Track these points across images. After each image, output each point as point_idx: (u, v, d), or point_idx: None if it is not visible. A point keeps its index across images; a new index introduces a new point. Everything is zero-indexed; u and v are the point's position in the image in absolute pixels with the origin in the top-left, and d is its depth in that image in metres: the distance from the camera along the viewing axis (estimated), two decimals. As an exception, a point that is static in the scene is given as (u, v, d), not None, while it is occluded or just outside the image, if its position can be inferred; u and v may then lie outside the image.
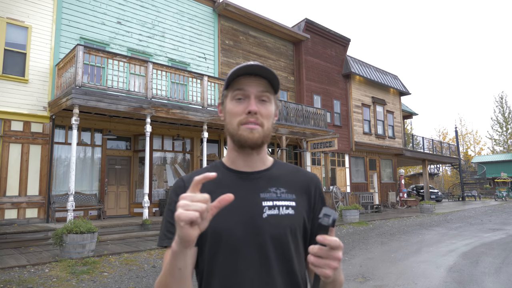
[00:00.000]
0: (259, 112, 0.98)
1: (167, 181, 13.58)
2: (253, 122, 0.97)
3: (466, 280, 5.61)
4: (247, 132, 0.97)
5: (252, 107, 0.97)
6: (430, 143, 28.02)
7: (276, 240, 0.95)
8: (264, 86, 1.00)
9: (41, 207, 10.25)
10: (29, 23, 10.57)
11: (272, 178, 1.04)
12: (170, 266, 0.82)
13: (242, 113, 0.98)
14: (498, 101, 51.27)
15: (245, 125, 0.98)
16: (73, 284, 5.39)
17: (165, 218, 1.00)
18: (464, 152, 49.31)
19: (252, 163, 1.04)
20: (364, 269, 6.37)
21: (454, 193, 35.44)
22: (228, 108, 1.01)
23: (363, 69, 22.02)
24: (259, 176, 1.03)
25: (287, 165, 1.11)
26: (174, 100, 11.16)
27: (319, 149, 16.52)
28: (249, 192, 1.00)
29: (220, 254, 0.94)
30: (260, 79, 0.99)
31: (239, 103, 0.99)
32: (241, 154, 1.03)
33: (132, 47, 12.66)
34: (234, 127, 0.99)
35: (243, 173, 1.03)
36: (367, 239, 9.98)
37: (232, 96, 1.00)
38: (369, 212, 18.28)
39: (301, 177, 1.07)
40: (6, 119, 9.95)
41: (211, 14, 15.17)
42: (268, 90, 1.01)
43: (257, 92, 0.99)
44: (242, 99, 0.99)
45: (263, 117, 0.99)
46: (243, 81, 0.99)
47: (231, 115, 1.00)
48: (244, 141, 0.98)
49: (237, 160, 1.04)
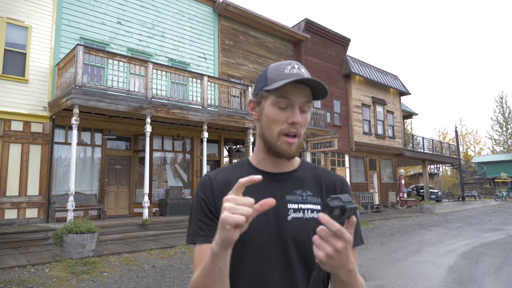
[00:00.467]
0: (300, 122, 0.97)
1: (167, 181, 13.58)
2: (294, 133, 0.97)
3: (466, 280, 5.61)
4: (286, 146, 0.97)
5: (297, 118, 0.95)
6: (430, 143, 28.03)
7: (299, 243, 0.95)
8: (308, 95, 0.97)
9: (41, 207, 10.25)
10: (29, 23, 10.56)
11: (299, 180, 1.03)
12: (210, 266, 0.81)
13: (284, 122, 0.96)
14: (498, 101, 51.32)
15: (286, 138, 0.96)
16: (73, 284, 5.39)
17: (194, 215, 0.99)
18: (464, 152, 49.32)
19: (280, 165, 1.03)
20: (364, 269, 6.37)
21: (454, 193, 35.44)
22: (269, 113, 0.98)
23: (363, 69, 22.02)
24: (286, 177, 1.03)
25: (314, 167, 1.10)
26: (174, 100, 11.16)
27: (319, 149, 16.53)
28: (275, 193, 0.99)
29: (245, 255, 0.94)
30: (305, 88, 0.96)
31: (282, 111, 0.96)
32: (271, 156, 1.02)
33: (132, 47, 12.66)
34: (274, 136, 0.97)
35: (270, 174, 1.02)
36: (367, 239, 9.98)
37: (274, 101, 0.96)
38: (369, 212, 18.28)
39: (328, 180, 1.06)
40: (6, 119, 9.95)
41: (211, 14, 15.17)
42: (310, 100, 0.98)
43: (301, 103, 0.96)
44: (285, 107, 0.96)
45: (302, 127, 0.98)
46: (290, 89, 0.95)
47: (272, 121, 0.97)
48: (282, 154, 0.98)
49: (265, 161, 1.03)
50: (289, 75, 0.94)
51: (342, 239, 0.73)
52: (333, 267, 0.76)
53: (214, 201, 0.99)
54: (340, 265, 0.75)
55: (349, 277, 0.80)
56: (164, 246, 8.35)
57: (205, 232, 0.96)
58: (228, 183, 1.00)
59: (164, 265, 6.68)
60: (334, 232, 0.72)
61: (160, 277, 5.91)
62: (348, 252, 0.75)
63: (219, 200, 0.97)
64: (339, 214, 0.73)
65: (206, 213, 0.98)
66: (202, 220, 0.97)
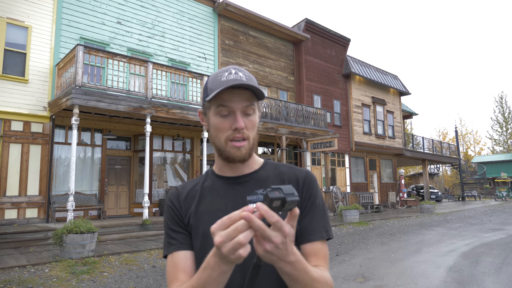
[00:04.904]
0: (245, 126, 0.97)
1: (167, 181, 13.58)
2: (240, 138, 0.97)
3: (466, 280, 5.61)
4: (235, 150, 0.98)
5: (239, 124, 0.95)
6: (430, 143, 28.02)
7: None
8: (248, 99, 0.97)
9: (41, 207, 10.25)
10: (29, 23, 10.56)
11: (260, 180, 1.04)
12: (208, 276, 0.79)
13: (228, 129, 0.97)
14: (498, 101, 51.30)
15: (233, 142, 0.97)
16: (73, 284, 5.38)
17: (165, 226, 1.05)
18: (464, 152, 49.31)
19: (238, 169, 1.04)
20: (364, 269, 6.37)
21: (454, 193, 35.43)
22: (213, 122, 1.00)
23: (363, 69, 22.02)
24: (247, 179, 1.04)
25: (278, 165, 1.10)
26: (174, 100, 11.16)
27: (319, 149, 16.52)
28: (236, 196, 1.01)
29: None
30: (243, 91, 0.96)
31: (225, 119, 0.97)
32: (226, 163, 1.04)
33: (132, 47, 12.66)
34: (221, 143, 0.99)
35: (230, 178, 1.04)
36: (367, 239, 9.98)
37: (215, 111, 0.98)
38: (369, 212, 18.27)
39: (291, 176, 1.05)
40: (6, 119, 9.95)
41: (211, 14, 15.17)
42: (252, 102, 0.98)
43: (241, 108, 0.97)
44: (227, 114, 0.97)
45: (249, 130, 0.98)
46: (226, 96, 0.95)
47: (217, 130, 0.99)
48: (232, 158, 0.99)
49: (224, 167, 1.05)
50: (225, 82, 0.94)
51: (280, 232, 0.69)
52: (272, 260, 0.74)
53: (181, 208, 1.04)
54: (279, 257, 0.73)
55: (294, 270, 0.77)
56: (164, 246, 8.34)
57: (177, 240, 1.00)
58: (194, 191, 1.06)
59: (164, 265, 6.68)
60: (273, 223, 0.69)
61: (160, 277, 5.91)
62: (287, 245, 0.72)
63: (185, 208, 1.03)
64: (279, 206, 0.69)
65: (176, 221, 1.03)
66: (173, 229, 1.01)
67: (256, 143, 1.03)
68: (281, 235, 0.70)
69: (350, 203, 18.34)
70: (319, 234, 0.97)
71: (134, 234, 9.70)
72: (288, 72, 18.31)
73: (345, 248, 8.54)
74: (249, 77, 0.97)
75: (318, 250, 0.96)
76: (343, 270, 6.31)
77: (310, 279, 0.81)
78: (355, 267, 6.57)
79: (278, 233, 0.69)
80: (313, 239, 0.97)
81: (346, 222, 13.51)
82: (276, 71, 17.61)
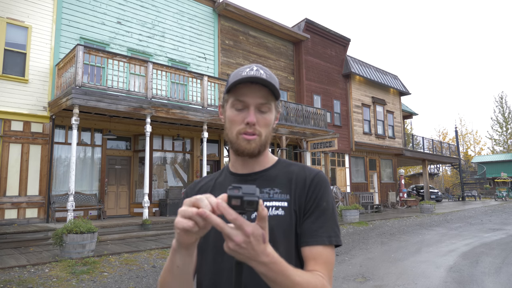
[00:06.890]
0: (257, 122, 0.98)
1: (167, 181, 13.58)
2: (251, 133, 0.98)
3: (466, 280, 5.61)
4: (244, 142, 0.98)
5: (251, 118, 0.97)
6: (430, 143, 28.02)
7: None
8: (264, 96, 0.98)
9: (41, 207, 10.25)
10: (29, 23, 10.56)
11: (269, 178, 1.04)
12: (170, 262, 0.85)
13: (241, 123, 0.98)
14: (498, 101, 51.31)
15: (243, 135, 0.98)
16: (73, 284, 5.39)
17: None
18: (464, 152, 49.31)
19: (249, 166, 1.05)
20: (364, 269, 6.37)
21: (454, 193, 35.42)
22: (228, 115, 1.01)
23: (363, 69, 22.02)
24: (256, 177, 1.04)
25: (290, 164, 1.09)
26: (174, 100, 11.16)
27: (319, 149, 16.52)
28: None
29: (209, 254, 0.98)
30: (260, 88, 0.97)
31: (239, 113, 0.99)
32: (238, 157, 1.04)
33: (132, 47, 12.66)
34: (233, 136, 1.00)
35: (241, 175, 1.05)
36: (367, 239, 9.98)
37: (232, 103, 1.00)
38: (369, 212, 18.27)
39: (300, 176, 1.03)
40: (6, 119, 9.95)
41: (211, 14, 15.17)
42: (268, 100, 0.99)
43: (256, 104, 0.98)
44: (242, 109, 0.99)
45: (261, 127, 0.99)
46: (243, 90, 0.97)
47: (231, 122, 1.00)
48: (242, 151, 1.00)
49: (236, 163, 1.06)
50: (244, 76, 0.96)
51: (241, 230, 0.68)
52: (241, 259, 0.72)
53: None
54: (248, 257, 0.71)
55: (269, 271, 0.74)
56: (164, 246, 8.35)
57: None
58: (207, 186, 1.10)
59: (164, 265, 6.67)
60: (231, 221, 0.68)
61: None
62: (253, 245, 0.69)
63: None
64: (240, 205, 0.68)
65: None
66: None
67: (268, 142, 1.04)
68: (243, 234, 0.68)
69: (350, 203, 18.34)
70: (320, 239, 0.94)
71: (134, 234, 9.70)
72: (288, 72, 18.31)
73: (345, 248, 8.54)
74: (270, 76, 0.98)
75: (318, 255, 0.92)
76: (343, 270, 6.31)
77: (291, 283, 0.77)
78: (355, 267, 6.57)
79: (239, 232, 0.68)
80: (311, 243, 0.94)
81: (346, 222, 13.51)
82: (276, 71, 17.61)
